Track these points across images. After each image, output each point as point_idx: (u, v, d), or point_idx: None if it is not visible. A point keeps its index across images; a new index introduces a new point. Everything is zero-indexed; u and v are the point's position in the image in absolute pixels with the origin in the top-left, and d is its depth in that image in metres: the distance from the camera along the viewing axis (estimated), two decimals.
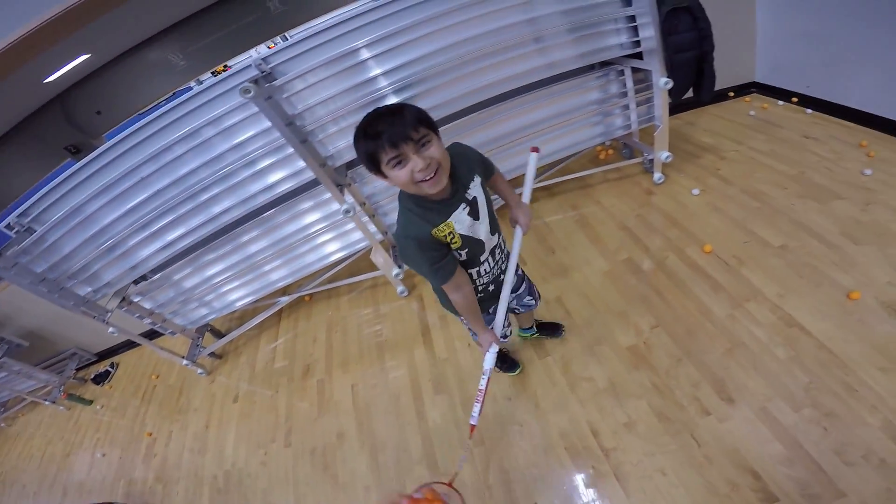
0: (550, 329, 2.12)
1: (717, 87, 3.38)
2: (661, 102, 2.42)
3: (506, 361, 2.03)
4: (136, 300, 2.40)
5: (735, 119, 3.26)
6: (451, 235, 1.18)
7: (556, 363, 2.01)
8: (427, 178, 1.04)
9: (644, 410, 1.81)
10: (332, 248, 2.38)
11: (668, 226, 2.44)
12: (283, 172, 2.11)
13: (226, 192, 2.10)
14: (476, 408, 1.51)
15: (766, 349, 1.85)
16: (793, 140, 2.90)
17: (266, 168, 2.09)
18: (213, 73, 3.42)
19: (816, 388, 1.70)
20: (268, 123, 1.94)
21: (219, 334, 2.51)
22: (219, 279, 2.33)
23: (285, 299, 2.41)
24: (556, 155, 2.57)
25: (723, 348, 1.89)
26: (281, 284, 2.36)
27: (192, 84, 3.28)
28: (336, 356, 2.30)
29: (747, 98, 3.47)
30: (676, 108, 3.40)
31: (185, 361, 2.40)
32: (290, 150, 2.01)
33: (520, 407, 1.92)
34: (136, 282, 2.43)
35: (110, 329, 2.34)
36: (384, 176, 1.06)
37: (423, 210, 1.13)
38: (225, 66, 3.43)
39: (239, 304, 2.40)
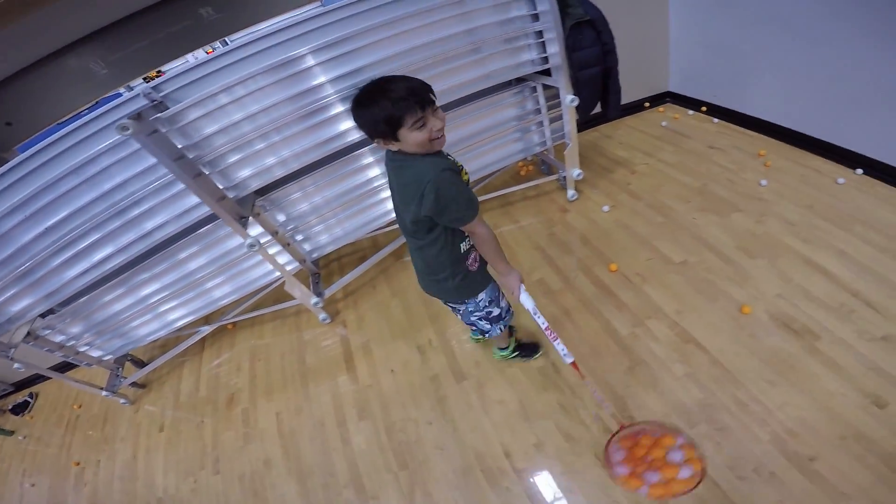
0: (528, 349, 1.93)
1: (635, 97, 3.34)
2: (570, 119, 2.30)
3: (525, 348, 1.90)
4: (43, 334, 2.10)
5: (649, 130, 3.18)
6: (465, 173, 1.22)
7: (472, 387, 1.88)
8: (440, 136, 1.08)
9: (552, 431, 1.73)
10: (246, 280, 2.16)
11: (579, 244, 2.35)
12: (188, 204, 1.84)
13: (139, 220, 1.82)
14: (558, 345, 1.50)
15: (665, 366, 1.80)
16: (699, 151, 2.86)
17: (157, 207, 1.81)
18: (144, 79, 3.04)
19: (710, 404, 1.66)
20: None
21: (141, 363, 2.26)
22: (129, 313, 2.07)
23: (207, 328, 2.18)
24: (479, 172, 2.42)
25: (624, 367, 1.83)
26: (190, 318, 2.13)
27: (122, 90, 2.90)
28: (260, 384, 2.11)
29: (661, 108, 3.40)
30: (595, 120, 3.31)
31: (104, 393, 2.14)
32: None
33: (440, 430, 1.81)
34: (42, 315, 2.12)
35: (16, 365, 2.04)
36: (394, 139, 1.05)
37: (433, 155, 1.13)
38: (158, 72, 3.04)
39: (150, 338, 2.17)
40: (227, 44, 1.98)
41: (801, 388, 1.64)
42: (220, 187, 1.88)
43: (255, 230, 2.05)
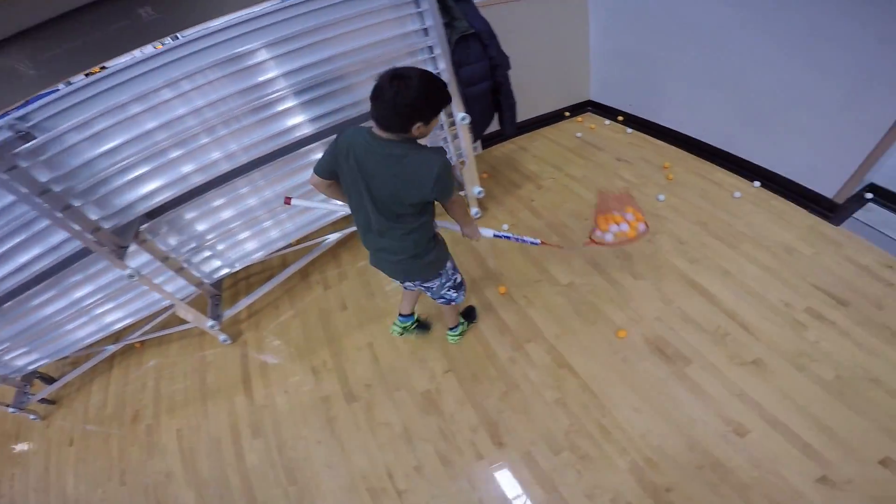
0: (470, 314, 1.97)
1: (556, 106, 3.16)
2: (464, 137, 2.12)
3: (468, 315, 1.92)
4: None
5: (564, 142, 3.01)
6: None
7: (361, 409, 1.79)
8: None
9: (431, 454, 1.66)
10: (142, 305, 1.98)
11: (475, 266, 2.22)
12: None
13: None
14: (524, 238, 1.59)
15: (537, 392, 1.73)
16: (607, 164, 2.74)
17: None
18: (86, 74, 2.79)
19: (575, 431, 1.60)
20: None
21: (51, 380, 2.12)
22: (21, 337, 1.90)
23: (112, 347, 2.05)
24: None
25: (500, 392, 1.75)
26: (88, 341, 1.95)
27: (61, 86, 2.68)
28: (163, 402, 2.01)
29: (580, 118, 3.23)
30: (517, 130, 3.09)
31: (11, 409, 2.02)
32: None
33: (329, 449, 1.73)
34: None
35: None
36: (425, 125, 1.08)
37: (427, 146, 1.19)
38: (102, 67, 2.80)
39: (32, 367, 1.99)
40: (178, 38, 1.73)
41: (665, 415, 1.58)
42: (95, 218, 1.70)
43: (142, 258, 1.86)
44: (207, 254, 2.02)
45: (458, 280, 1.61)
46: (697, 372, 1.68)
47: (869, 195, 2.28)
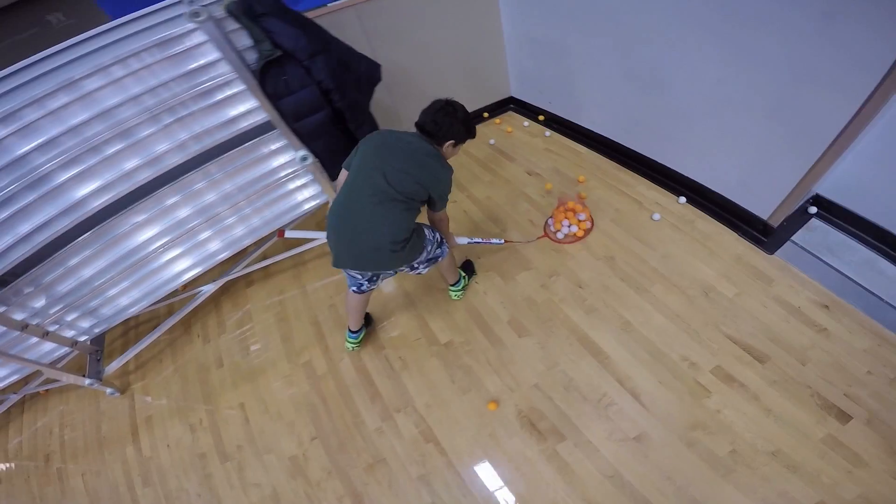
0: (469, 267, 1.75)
1: (476, 106, 2.41)
2: (319, 177, 1.59)
3: (467, 268, 1.73)
4: None
5: (474, 152, 2.32)
6: None
7: (233, 468, 1.51)
8: None
9: None
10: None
11: (377, 316, 1.71)
12: None
13: None
14: (491, 241, 1.66)
15: (403, 466, 1.32)
16: (516, 179, 2.08)
17: None
18: None
19: None
20: None
21: None
22: None
23: (15, 396, 1.84)
24: (259, 233, 1.68)
25: (366, 463, 1.35)
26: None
27: None
28: (68, 448, 1.79)
29: (498, 119, 2.49)
30: None
31: None
32: None
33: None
34: None
35: None
36: (451, 146, 1.27)
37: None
38: None
39: None
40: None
41: (526, 499, 1.20)
42: None
43: None
44: (75, 314, 1.60)
45: (439, 238, 1.43)
46: (569, 450, 1.24)
47: (813, 209, 1.64)
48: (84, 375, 1.65)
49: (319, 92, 1.38)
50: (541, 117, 2.35)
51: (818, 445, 1.19)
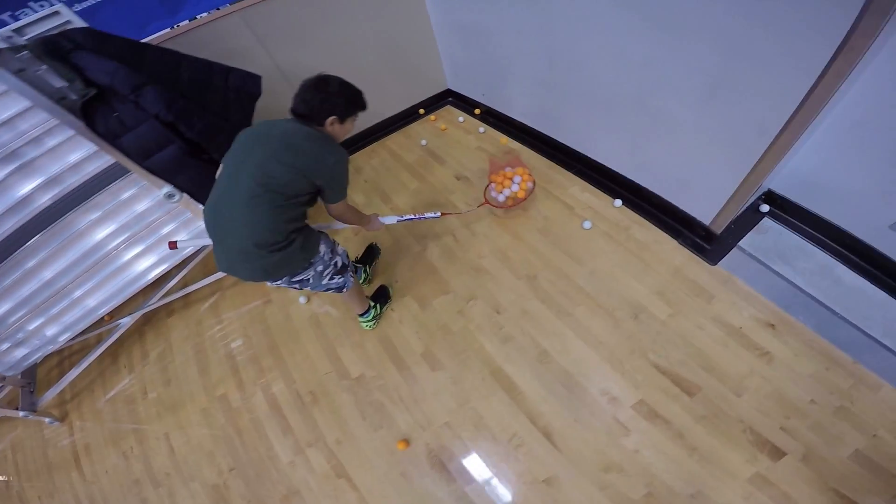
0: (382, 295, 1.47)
1: (413, 101, 2.06)
2: (194, 211, 1.35)
3: (380, 296, 1.46)
4: None
5: (405, 154, 1.97)
6: None
7: (165, 494, 1.42)
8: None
9: None
10: None
11: (266, 351, 1.49)
12: None
13: None
14: (427, 214, 1.39)
15: (317, 500, 1.17)
16: (442, 186, 1.76)
17: None
18: None
19: None
20: None
21: None
22: None
23: None
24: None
25: (281, 494, 1.21)
26: None
27: None
28: (22, 472, 1.64)
29: (433, 116, 2.10)
30: (362, 140, 2.08)
31: None
32: None
33: None
34: None
35: None
36: (339, 123, 1.03)
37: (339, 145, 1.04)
38: None
39: None
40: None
41: None
42: None
43: None
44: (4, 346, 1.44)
45: (340, 263, 1.18)
46: (479, 492, 1.07)
47: (765, 207, 1.33)
48: (17, 408, 1.54)
49: (161, 125, 1.11)
50: (477, 111, 1.97)
51: (744, 486, 0.99)
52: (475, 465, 1.13)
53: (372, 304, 1.37)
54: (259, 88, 1.32)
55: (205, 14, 1.42)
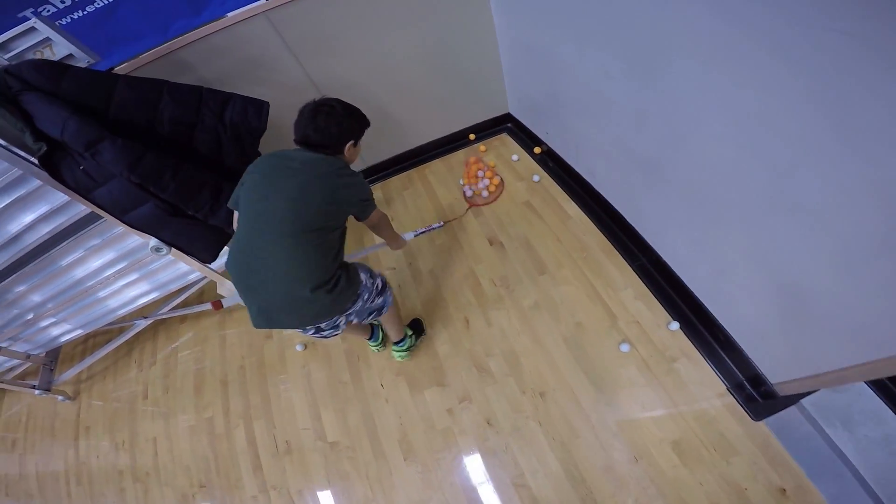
0: (418, 326, 1.96)
1: (463, 125, 2.48)
2: (191, 263, 1.78)
3: (416, 327, 1.95)
4: None
5: (442, 189, 2.41)
6: None
7: (141, 490, 2.06)
8: None
9: None
10: None
11: (257, 386, 2.06)
12: None
13: None
14: (435, 225, 2.11)
15: None
16: (472, 252, 2.13)
17: None
18: None
19: None
20: None
21: None
22: None
23: None
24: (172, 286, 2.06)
25: None
26: None
27: None
28: (29, 437, 2.50)
29: (483, 146, 2.46)
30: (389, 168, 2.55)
31: None
32: None
33: None
34: None
35: None
36: (352, 147, 1.36)
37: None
38: None
39: None
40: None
41: None
42: None
43: None
44: (37, 326, 2.14)
45: (380, 284, 1.51)
46: None
47: None
48: (35, 386, 2.36)
49: (131, 184, 1.38)
50: (537, 150, 2.26)
51: None
52: None
53: (409, 332, 1.82)
54: (263, 122, 1.61)
55: (231, 14, 1.68)
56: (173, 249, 1.68)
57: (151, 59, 1.70)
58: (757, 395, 1.54)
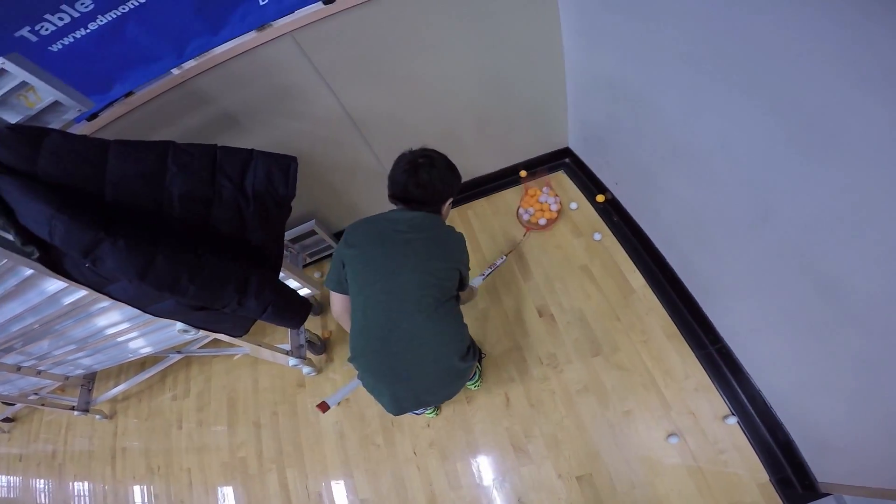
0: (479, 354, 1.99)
1: (514, 160, 2.43)
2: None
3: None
4: None
5: (485, 236, 2.42)
6: None
7: None
8: None
9: None
10: None
11: (289, 436, 2.24)
12: None
13: None
14: (499, 261, 2.21)
15: None
16: (511, 316, 2.17)
17: None
18: None
19: None
20: None
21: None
22: None
23: (35, 397, 2.85)
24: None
25: None
26: None
27: None
28: (68, 449, 2.80)
29: (533, 188, 2.41)
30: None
31: None
32: None
33: None
34: None
35: None
36: (449, 204, 1.41)
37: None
38: None
39: None
40: None
41: None
42: None
43: None
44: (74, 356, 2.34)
45: (475, 344, 1.53)
46: None
47: None
48: (74, 407, 2.63)
49: (132, 289, 1.34)
50: (600, 198, 2.23)
51: None
52: None
53: (477, 365, 1.94)
54: (292, 188, 1.55)
55: (253, 34, 1.58)
56: (198, 335, 1.72)
57: (166, 89, 1.64)
58: (799, 487, 1.62)
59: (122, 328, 2.12)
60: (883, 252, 0.94)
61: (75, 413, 2.65)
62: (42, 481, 2.82)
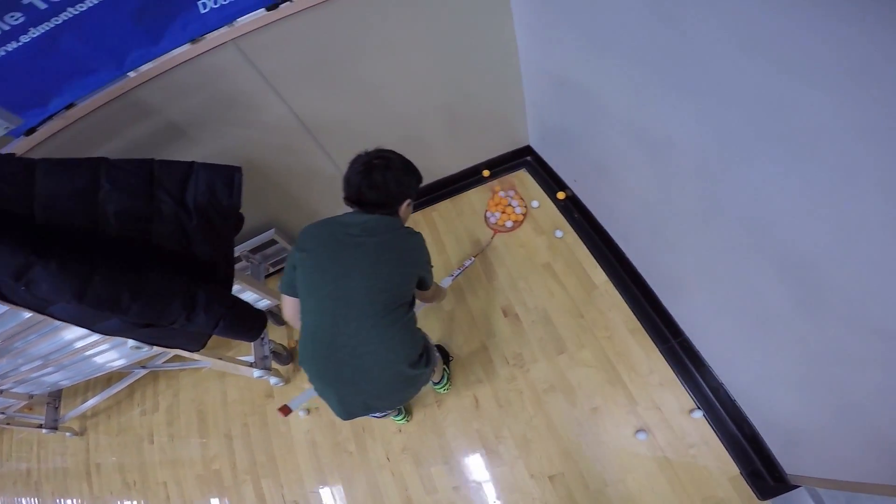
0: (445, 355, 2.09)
1: (478, 159, 2.44)
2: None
3: (444, 356, 2.07)
4: None
5: (449, 238, 2.43)
6: None
7: None
8: None
9: None
10: None
11: (261, 446, 2.25)
12: None
13: None
14: (467, 262, 2.21)
15: None
16: (484, 319, 2.18)
17: None
18: None
19: None
20: None
21: None
22: None
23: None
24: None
25: None
26: None
27: None
28: (42, 466, 2.79)
29: (497, 187, 2.44)
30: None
31: None
32: None
33: None
34: None
35: None
36: (407, 206, 1.37)
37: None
38: None
39: None
40: None
41: None
42: None
43: None
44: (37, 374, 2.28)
45: (432, 350, 1.54)
46: None
47: None
48: (41, 425, 2.61)
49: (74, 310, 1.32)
50: (560, 195, 2.26)
51: None
52: None
53: (445, 369, 1.97)
54: (236, 197, 1.51)
55: (192, 41, 1.53)
56: (148, 350, 1.71)
57: (107, 100, 1.59)
58: (769, 478, 1.66)
59: (82, 344, 2.09)
60: (833, 241, 0.95)
61: (44, 431, 2.63)
62: (24, 500, 2.80)
